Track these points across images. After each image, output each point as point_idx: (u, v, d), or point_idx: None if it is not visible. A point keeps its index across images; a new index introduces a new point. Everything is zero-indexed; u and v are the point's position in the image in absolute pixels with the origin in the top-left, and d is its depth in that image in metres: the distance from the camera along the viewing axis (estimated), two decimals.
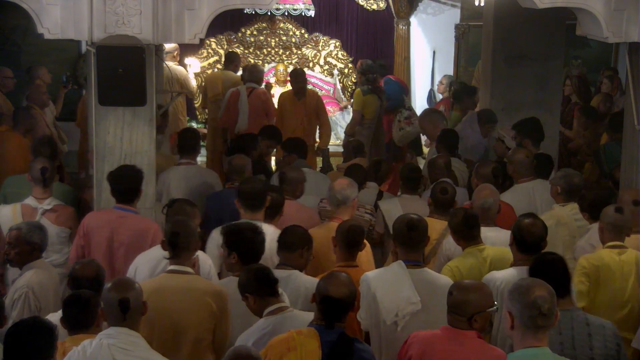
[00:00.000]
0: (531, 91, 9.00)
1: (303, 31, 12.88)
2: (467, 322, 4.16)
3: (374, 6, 12.89)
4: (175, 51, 11.10)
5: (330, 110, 12.05)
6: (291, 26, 12.86)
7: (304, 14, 12.38)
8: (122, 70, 5.99)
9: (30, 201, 6.27)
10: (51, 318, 4.45)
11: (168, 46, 10.33)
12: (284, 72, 12.01)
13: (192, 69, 11.58)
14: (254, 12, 12.34)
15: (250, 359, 3.83)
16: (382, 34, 13.05)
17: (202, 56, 12.49)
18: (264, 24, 12.83)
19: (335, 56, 12.93)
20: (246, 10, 11.93)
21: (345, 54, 12.95)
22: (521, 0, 6.70)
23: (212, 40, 12.61)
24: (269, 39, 12.82)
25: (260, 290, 4.56)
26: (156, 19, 6.03)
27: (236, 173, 6.81)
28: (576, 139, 9.62)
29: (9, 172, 7.42)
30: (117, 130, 6.18)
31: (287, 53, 12.86)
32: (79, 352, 4.10)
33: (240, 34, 12.79)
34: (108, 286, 4.21)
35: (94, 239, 5.79)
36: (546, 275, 4.38)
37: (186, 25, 6.12)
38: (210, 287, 4.86)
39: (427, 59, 12.96)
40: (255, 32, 12.84)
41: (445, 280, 4.99)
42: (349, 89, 12.74)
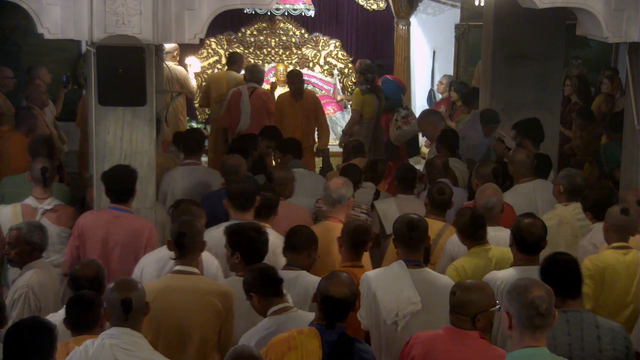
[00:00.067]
0: (531, 91, 9.00)
1: (303, 31, 12.86)
2: (470, 322, 4.16)
3: (374, 6, 12.87)
4: (175, 51, 11.09)
5: (331, 110, 12.05)
6: (291, 26, 12.84)
7: (304, 14, 12.35)
8: (122, 70, 5.99)
9: (31, 201, 6.26)
10: (51, 318, 4.45)
11: (168, 46, 10.33)
12: (284, 72, 11.99)
13: (193, 68, 11.57)
14: (254, 12, 12.32)
15: (252, 358, 3.83)
16: (382, 34, 13.03)
17: (202, 56, 12.47)
18: (264, 24, 12.81)
19: (335, 56, 12.92)
20: (246, 10, 11.90)
21: (345, 54, 12.94)
22: (521, 0, 6.71)
23: (212, 40, 12.59)
24: (269, 39, 12.80)
25: (265, 290, 4.56)
26: (156, 19, 6.03)
27: (231, 173, 6.79)
28: (574, 139, 9.63)
29: (10, 171, 7.42)
30: (117, 130, 6.18)
31: (287, 53, 12.85)
32: (80, 352, 4.10)
33: (240, 34, 12.78)
34: (111, 286, 4.20)
35: (89, 239, 5.79)
36: (558, 276, 4.41)
37: (186, 25, 6.12)
38: (216, 288, 4.86)
39: (427, 59, 12.94)
40: (255, 32, 12.82)
41: (445, 280, 5.00)
42: (349, 89, 12.73)
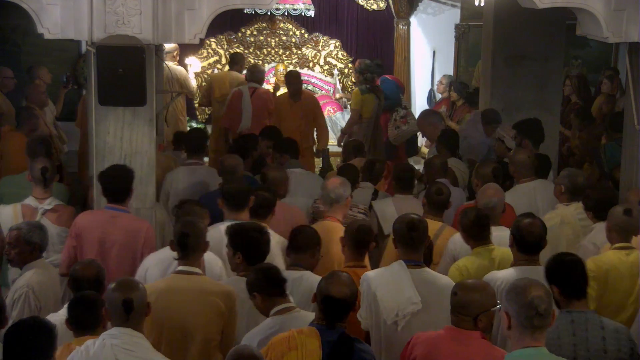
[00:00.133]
0: (531, 91, 9.00)
1: (303, 31, 12.86)
2: (472, 322, 4.16)
3: (374, 6, 12.87)
4: (175, 51, 11.09)
5: (331, 110, 12.06)
6: (291, 26, 12.84)
7: (303, 14, 12.35)
8: (122, 70, 5.99)
9: (31, 201, 6.26)
10: (51, 318, 4.45)
11: (168, 46, 10.33)
12: (284, 72, 11.97)
13: (193, 68, 11.56)
14: (254, 12, 12.31)
15: (252, 358, 3.84)
16: (382, 34, 13.03)
17: (202, 56, 12.47)
18: (264, 24, 12.81)
19: (335, 56, 12.92)
20: (246, 10, 11.90)
21: (345, 54, 12.94)
22: (521, 0, 6.71)
23: (212, 40, 12.59)
24: (269, 39, 12.80)
25: (268, 290, 4.56)
26: (156, 19, 6.03)
27: (228, 173, 6.78)
28: (572, 140, 9.63)
29: (11, 172, 7.42)
30: (117, 130, 6.19)
31: (287, 53, 12.84)
32: (81, 352, 4.10)
33: (240, 34, 12.78)
34: (112, 286, 4.20)
35: (86, 239, 5.78)
36: (564, 277, 4.40)
37: (186, 25, 6.12)
38: (219, 288, 4.85)
39: (427, 59, 12.95)
40: (255, 32, 12.82)
41: (445, 280, 5.00)
42: (349, 89, 12.73)
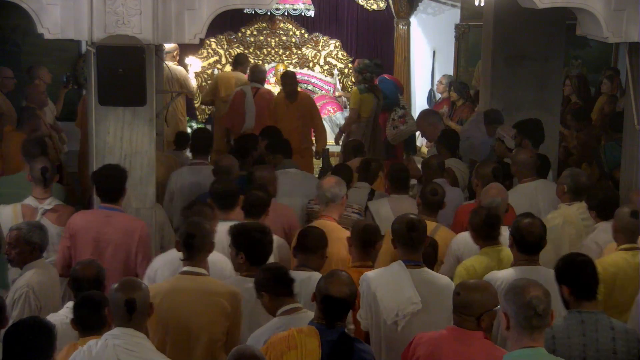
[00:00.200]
0: (531, 91, 9.00)
1: (303, 31, 12.86)
2: (475, 322, 4.16)
3: (374, 6, 12.87)
4: (175, 51, 11.09)
5: (331, 110, 12.06)
6: (291, 26, 12.84)
7: (303, 14, 12.35)
8: (122, 70, 6.00)
9: (31, 201, 6.26)
10: (51, 318, 4.46)
11: (168, 46, 10.33)
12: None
13: (193, 67, 11.57)
14: (254, 12, 12.32)
15: (253, 358, 3.84)
16: (382, 34, 13.03)
17: (202, 56, 12.46)
18: (264, 24, 12.80)
19: (335, 56, 12.92)
20: (246, 10, 11.90)
21: (345, 54, 12.93)
22: (521, 0, 6.71)
23: (212, 40, 12.58)
24: (269, 39, 12.80)
25: (276, 289, 4.56)
26: (156, 19, 6.04)
27: (223, 173, 6.77)
28: (570, 140, 9.64)
29: (13, 172, 7.42)
30: (117, 130, 6.19)
31: (287, 53, 12.84)
32: (84, 352, 4.10)
33: (240, 34, 12.77)
34: (115, 286, 4.20)
35: (80, 239, 5.78)
36: (574, 277, 4.40)
37: (186, 25, 6.13)
38: (225, 288, 4.84)
39: (427, 59, 12.95)
40: (255, 32, 12.81)
41: (445, 280, 5.01)
42: (349, 89, 12.73)
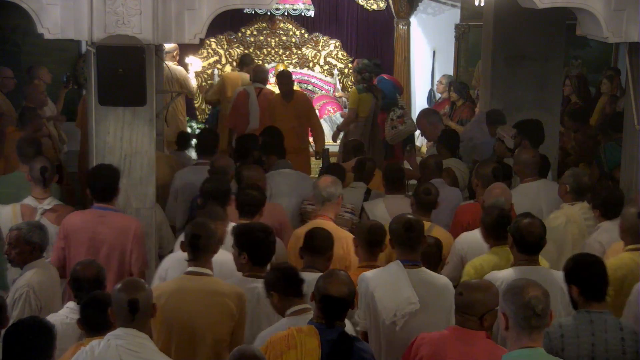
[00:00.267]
0: (531, 91, 9.00)
1: (303, 31, 12.86)
2: (478, 322, 4.17)
3: (374, 6, 12.88)
4: (175, 51, 11.09)
5: (330, 109, 12.06)
6: (291, 26, 12.84)
7: (303, 14, 12.35)
8: (122, 70, 5.99)
9: (30, 201, 6.26)
10: (51, 318, 4.46)
11: (168, 46, 10.33)
12: None
13: (193, 67, 11.56)
14: (254, 12, 12.31)
15: (254, 359, 3.84)
16: (382, 34, 13.03)
17: (202, 56, 12.46)
18: (264, 24, 12.81)
19: (335, 56, 12.92)
20: (246, 10, 11.90)
21: (345, 54, 12.94)
22: (521, 0, 6.71)
23: (212, 40, 12.59)
24: (269, 39, 12.80)
25: (286, 290, 4.56)
26: (156, 19, 6.04)
27: (218, 174, 6.72)
28: (567, 141, 9.65)
29: (13, 172, 7.40)
30: (117, 130, 6.19)
31: (287, 53, 12.85)
32: (86, 352, 4.10)
33: (240, 34, 12.78)
34: (118, 286, 4.19)
35: (75, 239, 5.77)
36: (585, 278, 4.40)
37: (186, 25, 6.12)
38: (230, 289, 4.82)
39: (427, 59, 12.95)
40: (255, 32, 12.82)
41: (443, 280, 5.01)
42: (349, 89, 12.74)
